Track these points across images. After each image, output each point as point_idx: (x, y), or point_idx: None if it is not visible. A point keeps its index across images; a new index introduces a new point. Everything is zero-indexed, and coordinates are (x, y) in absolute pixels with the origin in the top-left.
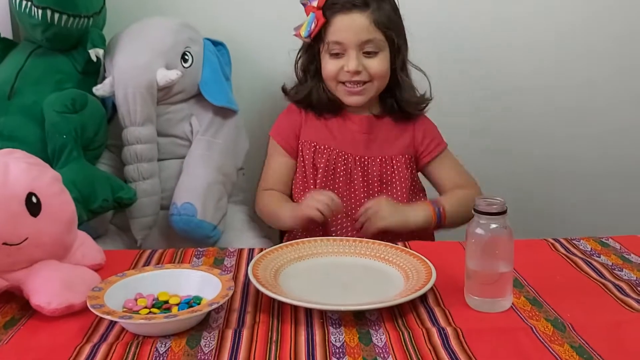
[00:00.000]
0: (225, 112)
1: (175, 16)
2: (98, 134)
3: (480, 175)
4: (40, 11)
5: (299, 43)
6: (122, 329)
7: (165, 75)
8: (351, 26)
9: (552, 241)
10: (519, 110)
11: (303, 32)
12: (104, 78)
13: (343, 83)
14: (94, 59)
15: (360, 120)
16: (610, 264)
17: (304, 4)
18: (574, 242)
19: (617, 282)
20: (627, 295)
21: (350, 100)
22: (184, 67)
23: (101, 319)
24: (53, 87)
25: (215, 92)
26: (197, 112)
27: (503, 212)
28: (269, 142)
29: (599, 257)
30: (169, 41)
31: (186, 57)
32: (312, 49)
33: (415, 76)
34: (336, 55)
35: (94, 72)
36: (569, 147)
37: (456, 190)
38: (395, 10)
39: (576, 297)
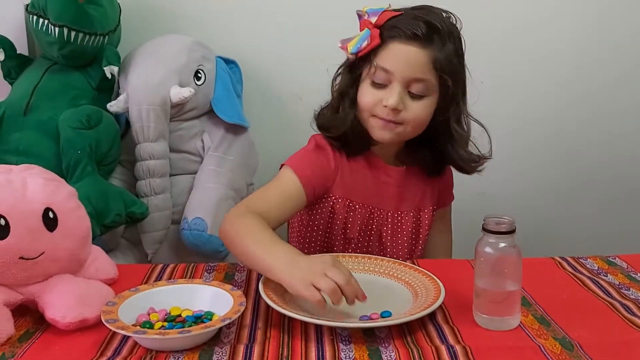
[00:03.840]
0: (236, 129)
1: (188, 34)
2: (112, 150)
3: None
4: (57, 29)
5: (311, 63)
6: (136, 344)
7: (178, 93)
8: (405, 58)
9: (559, 260)
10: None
11: (351, 48)
12: (118, 95)
13: (377, 116)
14: (109, 76)
15: (397, 173)
16: (617, 283)
17: (359, 15)
18: (581, 260)
19: (624, 301)
20: (634, 314)
21: (380, 134)
22: (196, 84)
23: (115, 333)
24: (68, 104)
25: (227, 109)
26: (209, 128)
27: (512, 231)
28: (283, 172)
29: (606, 276)
30: (182, 59)
31: (199, 74)
32: (355, 71)
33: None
34: (378, 86)
35: (109, 88)
36: (575, 157)
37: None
38: (459, 54)
39: (584, 316)
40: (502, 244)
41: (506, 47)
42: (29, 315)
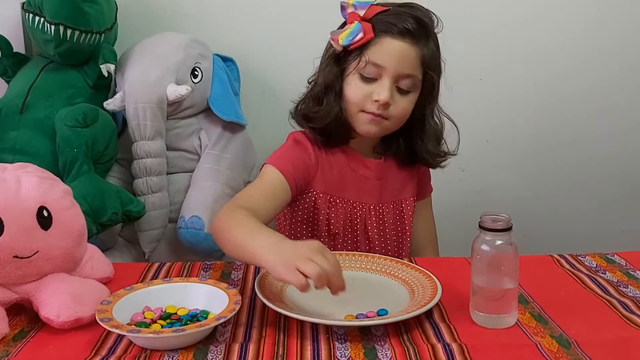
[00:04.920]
0: (233, 127)
1: (185, 32)
2: (108, 148)
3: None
4: (53, 27)
5: (307, 56)
6: (130, 343)
7: (175, 91)
8: (399, 54)
9: (557, 257)
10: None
11: (342, 40)
12: (114, 93)
13: (365, 111)
14: (105, 74)
15: (376, 165)
16: (616, 280)
17: (343, 7)
18: (579, 258)
19: (622, 298)
20: (632, 312)
21: (367, 128)
22: (193, 82)
23: (109, 332)
24: (65, 102)
25: (224, 107)
26: (206, 126)
27: (508, 229)
28: (265, 170)
29: (604, 274)
30: (179, 57)
31: (196, 72)
32: (342, 63)
33: None
34: (367, 80)
35: (105, 86)
36: (573, 155)
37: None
38: (439, 49)
39: (581, 313)
40: (499, 242)
41: (504, 43)
42: (23, 314)
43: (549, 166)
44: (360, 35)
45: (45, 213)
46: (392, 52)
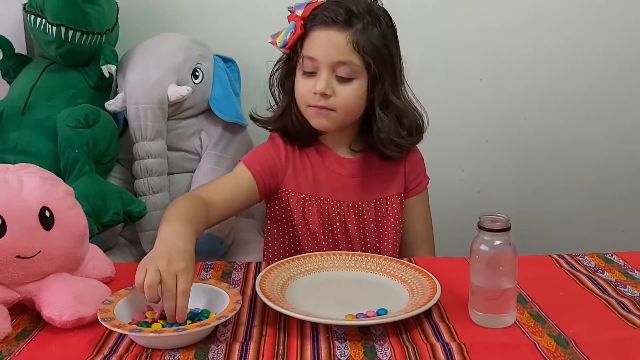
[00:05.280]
0: (234, 128)
1: (186, 33)
2: (109, 149)
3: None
4: (54, 28)
5: None
6: (132, 342)
7: (176, 91)
8: (326, 43)
9: (556, 257)
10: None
11: (279, 41)
12: (116, 93)
13: (311, 105)
14: (107, 74)
15: (351, 163)
16: (614, 280)
17: (291, 11)
18: (577, 258)
19: (620, 298)
20: (630, 311)
21: (317, 122)
22: (194, 83)
23: (111, 331)
24: (66, 103)
25: (225, 107)
26: (207, 127)
27: (507, 229)
28: (237, 166)
29: (603, 274)
30: (180, 57)
31: (197, 73)
32: (290, 63)
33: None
34: (309, 75)
35: (106, 87)
36: (572, 155)
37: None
38: (386, 36)
39: (579, 313)
40: (497, 242)
41: (503, 43)
42: (26, 313)
43: (548, 166)
44: (292, 33)
45: (47, 213)
46: (320, 42)
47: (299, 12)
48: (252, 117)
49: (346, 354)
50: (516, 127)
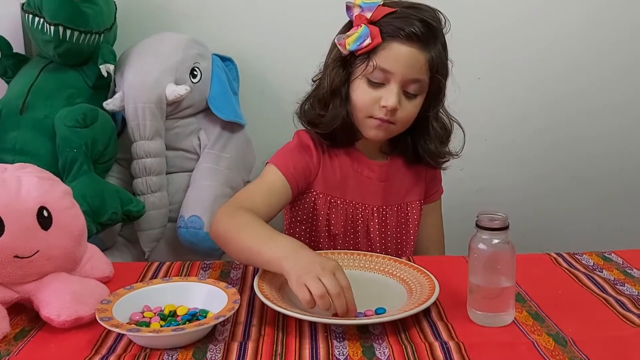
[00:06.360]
0: (233, 127)
1: (184, 32)
2: (108, 148)
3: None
4: (52, 27)
5: (306, 56)
6: (130, 342)
7: (174, 91)
8: (407, 60)
9: (555, 255)
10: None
11: (350, 45)
12: (114, 93)
13: (373, 117)
14: (105, 74)
15: (380, 167)
16: (612, 278)
17: (349, 7)
18: (576, 256)
19: (618, 297)
20: (629, 310)
21: (374, 133)
22: (192, 82)
23: (109, 331)
24: (64, 102)
25: (223, 106)
26: (205, 126)
27: (505, 228)
28: (267, 169)
29: (601, 272)
30: (178, 57)
31: (195, 72)
32: (348, 67)
33: None
34: (375, 85)
35: (105, 87)
36: (571, 153)
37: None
38: (446, 50)
39: (578, 311)
40: (496, 241)
41: (501, 42)
42: (24, 313)
43: (547, 165)
44: (368, 40)
45: (45, 213)
46: (400, 57)
47: (368, 15)
48: (307, 120)
49: (344, 353)
50: (515, 126)
